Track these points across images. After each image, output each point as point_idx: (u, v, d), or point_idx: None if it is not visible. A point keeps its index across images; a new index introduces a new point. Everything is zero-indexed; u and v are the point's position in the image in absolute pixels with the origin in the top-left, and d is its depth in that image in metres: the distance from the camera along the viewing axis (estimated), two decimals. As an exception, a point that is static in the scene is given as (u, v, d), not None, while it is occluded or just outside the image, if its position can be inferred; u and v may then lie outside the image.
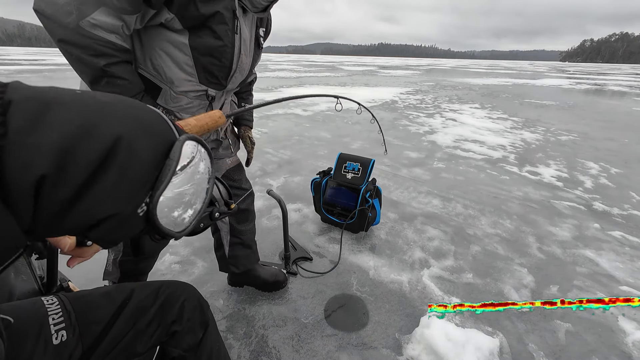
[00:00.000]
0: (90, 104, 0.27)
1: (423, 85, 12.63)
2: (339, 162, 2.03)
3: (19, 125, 0.23)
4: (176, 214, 0.34)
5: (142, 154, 0.29)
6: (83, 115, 0.26)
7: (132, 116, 0.30)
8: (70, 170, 0.25)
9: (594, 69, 51.32)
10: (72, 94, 0.28)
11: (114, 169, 0.27)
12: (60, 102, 0.26)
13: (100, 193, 0.27)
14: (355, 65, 31.55)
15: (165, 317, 0.70)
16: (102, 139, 0.26)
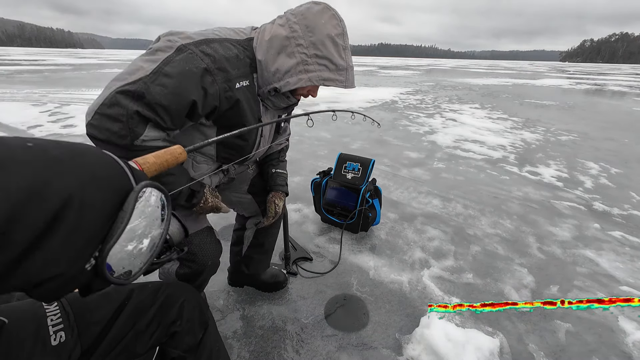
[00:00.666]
0: (40, 160, 0.26)
1: (423, 86, 12.63)
2: (339, 162, 2.03)
3: None
4: (130, 247, 0.33)
5: (93, 211, 0.28)
6: (32, 175, 0.25)
7: (85, 170, 0.29)
8: (14, 236, 0.24)
9: (594, 69, 51.33)
10: (22, 149, 0.27)
11: (61, 230, 0.26)
12: (10, 162, 0.25)
13: (45, 255, 0.26)
14: (355, 66, 31.39)
15: (165, 317, 0.70)
16: (50, 200, 0.26)
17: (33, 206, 0.25)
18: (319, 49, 0.82)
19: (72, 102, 6.48)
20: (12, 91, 7.88)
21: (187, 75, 0.75)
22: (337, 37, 0.83)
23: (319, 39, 0.82)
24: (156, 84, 0.72)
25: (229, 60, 0.81)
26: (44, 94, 7.53)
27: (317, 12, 0.83)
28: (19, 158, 0.26)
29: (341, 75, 0.85)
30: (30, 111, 5.46)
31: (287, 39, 0.83)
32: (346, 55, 0.86)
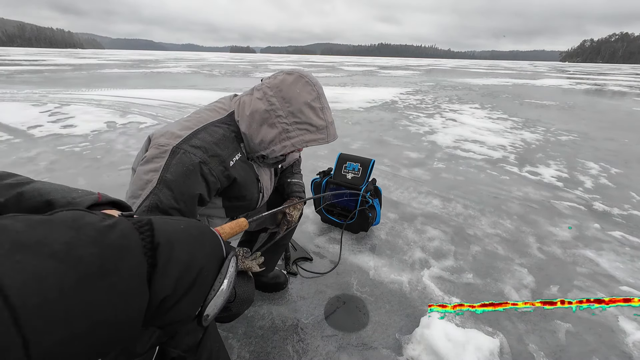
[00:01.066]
0: (189, 241, 0.41)
1: (423, 86, 12.63)
2: (339, 162, 2.03)
3: (162, 262, 0.36)
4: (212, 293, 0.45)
5: (210, 275, 0.43)
6: (187, 252, 0.40)
7: (208, 247, 0.44)
8: (177, 292, 0.37)
9: (594, 69, 51.33)
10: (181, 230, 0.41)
11: (195, 288, 0.40)
12: (177, 241, 0.39)
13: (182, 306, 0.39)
14: (355, 66, 31.55)
15: None
16: (194, 270, 0.40)
17: (187, 274, 0.39)
18: (298, 116, 0.88)
19: (72, 102, 6.48)
20: (12, 91, 7.88)
21: (187, 174, 0.82)
22: (313, 101, 0.89)
23: (297, 107, 0.88)
24: (164, 191, 0.81)
25: (218, 143, 0.88)
26: (44, 94, 7.53)
27: (292, 83, 0.89)
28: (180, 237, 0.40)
29: (322, 133, 0.91)
30: (30, 111, 5.47)
31: (267, 112, 0.89)
32: (324, 114, 0.92)
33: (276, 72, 0.94)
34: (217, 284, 0.43)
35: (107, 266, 0.31)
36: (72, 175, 2.86)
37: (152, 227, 0.38)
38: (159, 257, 0.36)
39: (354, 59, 79.48)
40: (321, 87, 0.93)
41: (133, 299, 0.33)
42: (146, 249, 0.36)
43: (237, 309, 1.01)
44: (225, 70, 18.32)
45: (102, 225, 0.34)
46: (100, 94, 7.69)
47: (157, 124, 4.80)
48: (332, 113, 0.97)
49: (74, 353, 0.29)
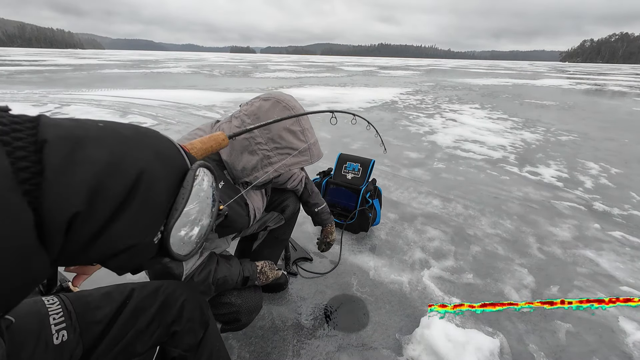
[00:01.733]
0: (114, 138, 0.29)
1: (423, 86, 12.63)
2: (339, 163, 2.04)
3: (54, 164, 0.25)
4: (183, 233, 0.35)
5: (161, 186, 0.31)
6: (109, 151, 0.28)
7: (151, 148, 0.32)
8: (98, 207, 0.27)
9: (594, 69, 51.33)
10: (97, 128, 0.29)
11: (136, 202, 0.29)
12: (89, 139, 0.28)
13: (122, 226, 0.29)
14: (355, 66, 31.56)
15: (165, 317, 0.70)
16: (127, 174, 0.28)
17: (113, 179, 0.27)
18: (278, 142, 0.87)
19: (72, 102, 6.48)
20: (13, 92, 7.88)
21: None
22: (292, 125, 0.88)
23: (275, 133, 0.87)
24: None
25: None
26: (45, 94, 7.54)
27: (268, 109, 0.88)
28: (93, 135, 0.28)
29: (304, 155, 0.91)
30: (30, 112, 5.35)
31: (247, 140, 0.88)
32: (305, 136, 0.91)
33: (253, 99, 0.93)
34: (181, 199, 0.33)
35: None
36: (72, 175, 2.86)
37: (37, 123, 0.27)
38: (46, 159, 0.25)
39: (354, 59, 79.50)
40: (301, 109, 0.92)
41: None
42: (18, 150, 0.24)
43: (246, 319, 1.03)
44: (225, 71, 18.32)
45: None
46: (100, 94, 7.70)
47: (157, 124, 4.80)
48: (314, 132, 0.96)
49: None
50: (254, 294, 1.05)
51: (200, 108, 6.25)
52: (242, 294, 1.02)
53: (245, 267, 1.02)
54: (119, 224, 0.28)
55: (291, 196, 1.38)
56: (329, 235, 1.44)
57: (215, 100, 7.28)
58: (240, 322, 1.02)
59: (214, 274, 0.93)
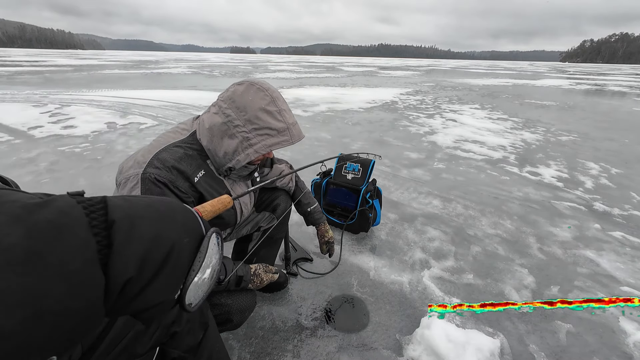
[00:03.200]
0: (155, 217, 0.37)
1: (423, 86, 12.63)
2: (339, 163, 2.03)
3: (119, 241, 0.33)
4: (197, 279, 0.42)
5: (185, 253, 0.39)
6: (153, 228, 0.36)
7: (180, 222, 0.40)
8: (144, 273, 0.34)
9: (594, 69, 51.32)
10: (144, 206, 0.37)
11: (168, 268, 0.36)
12: (139, 217, 0.36)
13: (157, 287, 0.36)
14: (355, 66, 31.57)
15: (165, 318, 0.70)
16: (164, 246, 0.36)
17: (155, 251, 0.35)
18: (255, 122, 0.88)
19: (72, 103, 6.49)
20: (13, 92, 7.89)
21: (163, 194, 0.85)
22: (268, 105, 0.89)
23: (252, 114, 0.88)
24: None
25: (180, 161, 0.90)
26: (45, 95, 7.54)
27: (243, 92, 0.89)
28: (143, 213, 0.36)
29: (284, 135, 0.91)
30: (30, 112, 5.47)
31: (225, 124, 0.89)
32: (283, 116, 0.91)
33: (229, 86, 0.95)
34: (197, 262, 0.40)
35: (36, 247, 0.26)
36: (72, 175, 2.86)
37: (106, 205, 0.34)
38: (114, 235, 0.32)
39: (354, 60, 79.50)
40: (276, 92, 0.93)
41: (82, 283, 0.29)
42: (96, 228, 0.32)
43: (238, 318, 1.02)
44: (225, 71, 18.33)
45: (31, 203, 0.29)
46: (100, 95, 7.70)
47: (157, 125, 4.81)
48: (293, 114, 0.97)
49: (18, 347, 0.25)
50: (245, 293, 1.04)
51: (200, 108, 6.25)
52: (232, 294, 1.01)
53: (239, 268, 1.02)
54: (155, 285, 0.35)
55: (281, 194, 1.38)
56: (325, 234, 1.42)
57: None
58: (232, 322, 1.01)
59: None
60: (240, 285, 1.01)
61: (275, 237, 1.42)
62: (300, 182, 1.45)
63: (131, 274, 0.32)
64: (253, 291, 1.08)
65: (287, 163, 1.41)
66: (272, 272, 1.10)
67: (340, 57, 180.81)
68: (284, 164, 1.38)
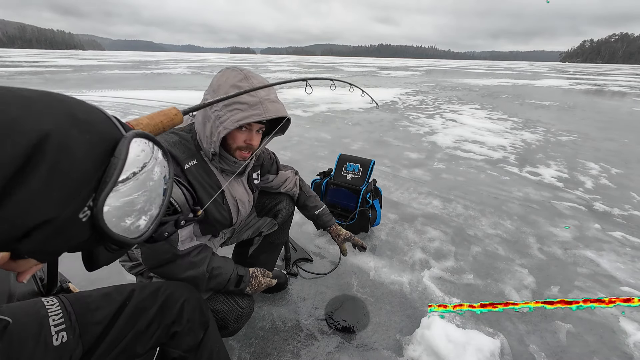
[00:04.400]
0: (13, 98, 0.25)
1: (423, 86, 12.64)
2: (339, 163, 2.04)
3: None
4: (128, 222, 0.31)
5: (77, 151, 0.26)
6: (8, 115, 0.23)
7: (63, 112, 0.27)
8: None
9: (594, 69, 51.35)
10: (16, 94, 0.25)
11: (40, 169, 0.24)
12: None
13: (25, 197, 0.24)
14: (355, 67, 31.59)
15: (165, 318, 0.70)
16: (23, 137, 0.23)
17: (4, 142, 0.23)
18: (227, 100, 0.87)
19: (72, 103, 6.49)
20: (13, 93, 7.89)
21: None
22: (240, 82, 0.88)
23: (223, 91, 0.87)
24: None
25: (174, 145, 0.91)
26: (45, 95, 7.54)
27: (220, 75, 0.90)
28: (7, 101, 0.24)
29: (256, 109, 0.87)
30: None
31: (205, 110, 0.90)
32: (257, 92, 0.88)
33: None
34: (112, 170, 0.28)
35: None
36: (72, 176, 2.86)
37: None
38: None
39: (354, 60, 79.56)
40: (252, 72, 0.91)
41: None
42: None
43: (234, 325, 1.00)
44: (225, 71, 18.32)
45: None
46: (100, 95, 7.71)
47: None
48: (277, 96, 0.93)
49: None
50: (242, 299, 1.03)
51: (201, 109, 6.25)
52: (229, 300, 1.00)
53: (239, 267, 1.02)
54: (20, 196, 0.23)
55: (284, 200, 1.36)
56: (340, 232, 1.37)
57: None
58: (227, 329, 1.00)
59: (210, 261, 0.92)
60: (239, 286, 0.99)
61: (275, 242, 1.41)
62: (305, 186, 1.43)
63: None
64: (250, 297, 1.07)
65: (293, 169, 1.41)
66: (270, 277, 1.09)
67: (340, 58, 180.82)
68: (290, 170, 1.38)
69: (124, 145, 0.29)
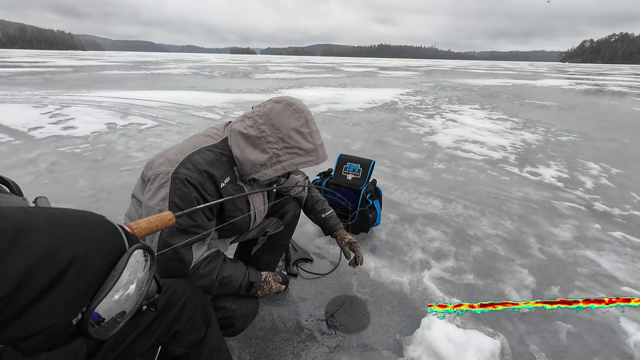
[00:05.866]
0: (54, 229, 0.32)
1: (423, 86, 12.64)
2: (339, 163, 2.04)
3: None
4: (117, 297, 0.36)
5: (91, 270, 0.33)
6: (46, 241, 0.30)
7: (90, 237, 0.34)
8: (20, 292, 0.28)
9: (593, 69, 51.34)
10: (45, 217, 0.32)
11: (60, 288, 0.30)
12: (32, 228, 0.30)
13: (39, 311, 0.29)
14: (355, 67, 31.59)
15: (166, 316, 0.70)
16: (57, 263, 0.30)
17: (44, 267, 0.29)
18: (287, 142, 0.93)
19: (72, 103, 6.49)
20: (13, 93, 7.90)
21: (191, 194, 0.88)
22: (301, 127, 0.94)
23: (286, 133, 0.93)
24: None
25: (211, 165, 0.93)
26: (45, 95, 7.55)
27: (280, 111, 0.94)
28: (40, 224, 0.31)
29: (311, 156, 0.96)
30: (31, 113, 5.48)
31: (258, 139, 0.94)
32: (313, 138, 0.96)
33: (266, 101, 0.99)
34: (109, 282, 0.34)
35: None
36: (72, 176, 2.86)
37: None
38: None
39: (354, 60, 79.61)
40: (309, 113, 0.98)
41: None
42: None
43: (240, 324, 1.03)
44: (225, 72, 18.35)
45: None
46: (100, 96, 7.71)
47: (157, 125, 4.81)
48: (321, 136, 1.01)
49: None
50: (249, 300, 1.06)
51: (201, 109, 6.25)
52: (237, 299, 1.02)
53: (251, 273, 1.03)
54: (38, 308, 0.29)
55: (291, 201, 1.38)
56: (345, 236, 1.36)
57: (215, 101, 7.28)
58: (234, 327, 1.02)
59: (219, 270, 0.94)
60: (250, 292, 1.01)
61: (279, 243, 1.42)
62: (313, 190, 1.45)
63: (2, 294, 0.27)
64: (256, 298, 1.08)
65: (304, 174, 1.42)
66: (280, 282, 1.12)
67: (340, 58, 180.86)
68: (300, 175, 1.39)
69: (124, 260, 0.35)
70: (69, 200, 2.40)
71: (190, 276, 0.88)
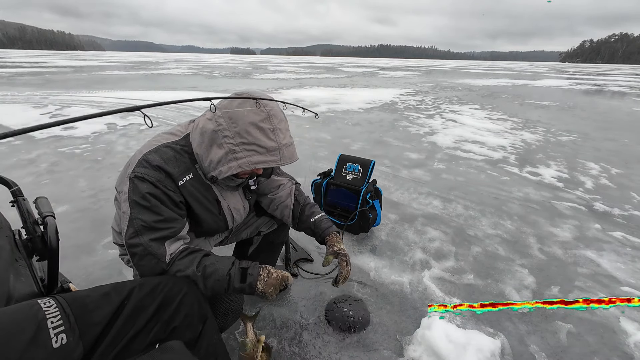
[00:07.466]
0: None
1: (423, 87, 12.64)
2: (339, 164, 2.04)
3: None
4: None
5: None
6: None
7: None
8: None
9: (593, 69, 51.33)
10: None
11: None
12: None
13: None
14: (355, 67, 31.59)
15: (163, 314, 0.71)
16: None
17: None
18: (244, 137, 0.85)
19: (73, 104, 6.49)
20: (14, 93, 7.90)
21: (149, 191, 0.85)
22: (262, 122, 0.86)
23: (243, 128, 0.85)
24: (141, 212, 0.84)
25: (167, 162, 0.89)
26: (45, 96, 7.55)
27: (239, 104, 0.87)
28: None
29: (273, 155, 0.86)
30: (31, 113, 5.48)
31: (215, 132, 0.87)
32: (276, 135, 0.87)
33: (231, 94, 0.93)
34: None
35: None
36: (72, 176, 2.86)
37: None
38: None
39: (354, 60, 79.61)
40: (275, 109, 0.90)
41: None
42: None
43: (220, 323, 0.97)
44: (225, 72, 18.35)
45: None
46: (100, 96, 7.71)
47: (157, 126, 4.81)
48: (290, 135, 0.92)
49: None
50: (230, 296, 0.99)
51: (201, 109, 6.25)
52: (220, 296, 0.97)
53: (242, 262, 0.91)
54: None
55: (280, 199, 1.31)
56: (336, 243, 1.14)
57: (215, 101, 7.28)
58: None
59: (200, 261, 0.86)
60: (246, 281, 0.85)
61: (275, 241, 1.41)
62: (302, 197, 1.25)
63: None
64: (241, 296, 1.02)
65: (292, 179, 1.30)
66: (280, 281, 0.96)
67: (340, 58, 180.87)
68: (286, 178, 1.27)
69: None
70: (69, 200, 2.40)
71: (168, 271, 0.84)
